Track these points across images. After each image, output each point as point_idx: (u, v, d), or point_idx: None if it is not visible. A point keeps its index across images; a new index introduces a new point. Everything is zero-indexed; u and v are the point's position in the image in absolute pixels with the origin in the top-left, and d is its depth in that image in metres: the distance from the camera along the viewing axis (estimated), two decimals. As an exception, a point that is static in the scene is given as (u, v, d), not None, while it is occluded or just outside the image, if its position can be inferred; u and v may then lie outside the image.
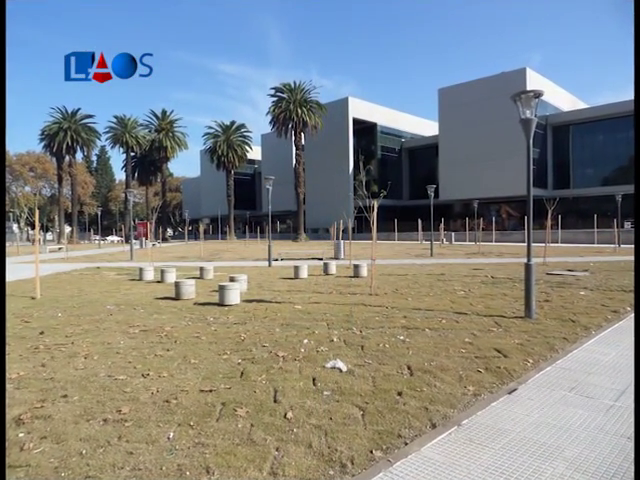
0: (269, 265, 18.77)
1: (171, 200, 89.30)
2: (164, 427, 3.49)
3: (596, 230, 33.81)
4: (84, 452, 3.12)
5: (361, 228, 48.08)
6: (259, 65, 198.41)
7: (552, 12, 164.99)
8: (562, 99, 49.27)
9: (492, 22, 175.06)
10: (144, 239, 42.50)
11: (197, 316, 8.03)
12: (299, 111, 50.22)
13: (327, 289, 11.35)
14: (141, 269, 14.53)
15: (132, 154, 64.88)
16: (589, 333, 6.46)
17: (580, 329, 6.64)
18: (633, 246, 25.67)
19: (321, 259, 20.99)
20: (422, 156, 59.18)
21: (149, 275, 14.29)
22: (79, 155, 62.92)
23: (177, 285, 10.22)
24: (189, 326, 7.22)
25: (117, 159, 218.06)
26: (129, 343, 6.14)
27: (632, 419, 3.55)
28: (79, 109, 58.10)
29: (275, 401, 4.00)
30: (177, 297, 10.02)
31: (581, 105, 51.96)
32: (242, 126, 63.10)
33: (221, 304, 9.05)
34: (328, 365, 4.99)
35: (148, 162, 66.61)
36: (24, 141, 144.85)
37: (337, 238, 24.24)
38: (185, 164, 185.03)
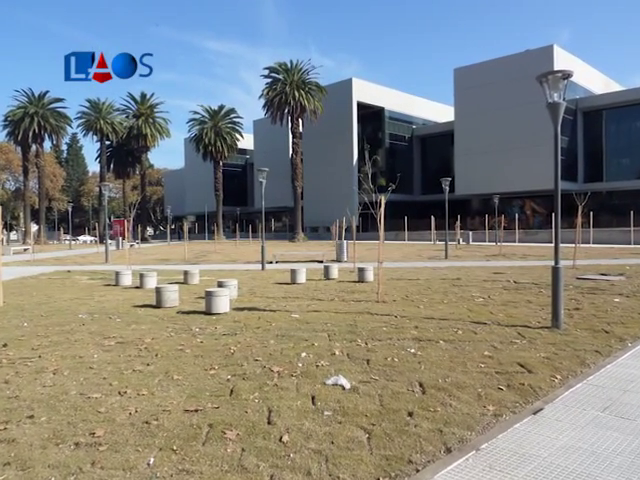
0: (262, 268, 18.81)
1: (151, 195, 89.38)
2: (143, 452, 3.49)
3: (633, 229, 33.84)
4: (53, 480, 3.12)
5: (367, 227, 48.11)
6: (251, 42, 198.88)
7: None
8: (594, 80, 49.32)
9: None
10: (121, 239, 42.53)
11: (181, 326, 8.05)
12: (296, 94, 50.19)
13: (328, 296, 11.38)
14: (117, 273, 14.57)
15: (107, 143, 64.94)
16: (625, 345, 6.47)
17: (614, 341, 6.66)
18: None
19: (321, 262, 21.02)
20: (436, 145, 59.23)
21: (126, 280, 14.34)
22: (47, 144, 63.19)
23: (158, 291, 10.25)
24: (172, 338, 7.23)
25: (90, 148, 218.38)
26: (104, 357, 6.15)
27: (673, 443, 3.54)
28: (47, 92, 58.10)
29: (269, 422, 4.01)
30: (158, 305, 10.06)
31: (616, 87, 51.99)
32: (232, 111, 63.26)
33: (208, 313, 9.08)
34: (329, 382, 4.99)
35: (125, 152, 66.65)
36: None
37: (339, 238, 24.28)
38: (167, 154, 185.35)
